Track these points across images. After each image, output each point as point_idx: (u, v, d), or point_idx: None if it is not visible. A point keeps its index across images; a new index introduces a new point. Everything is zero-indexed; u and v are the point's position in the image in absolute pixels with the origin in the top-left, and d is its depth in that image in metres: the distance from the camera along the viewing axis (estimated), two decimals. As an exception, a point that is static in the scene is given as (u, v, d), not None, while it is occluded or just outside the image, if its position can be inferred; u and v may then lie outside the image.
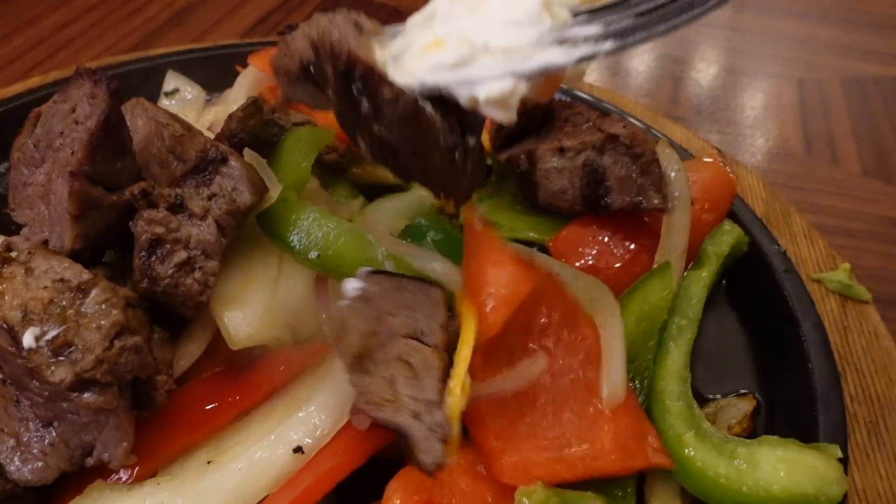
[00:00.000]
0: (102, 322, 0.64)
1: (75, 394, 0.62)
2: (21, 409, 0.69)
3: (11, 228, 0.81)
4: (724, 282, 0.97)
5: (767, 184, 1.09)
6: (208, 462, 0.66)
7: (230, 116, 0.89)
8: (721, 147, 1.25)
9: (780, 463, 0.69)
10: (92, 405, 0.62)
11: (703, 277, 0.87)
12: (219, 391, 0.73)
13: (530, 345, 0.75)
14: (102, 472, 0.68)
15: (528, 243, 0.94)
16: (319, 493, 0.65)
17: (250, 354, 0.75)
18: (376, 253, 0.78)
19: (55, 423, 0.67)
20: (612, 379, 0.70)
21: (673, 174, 0.91)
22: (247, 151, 0.81)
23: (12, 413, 0.69)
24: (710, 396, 0.85)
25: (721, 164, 1.01)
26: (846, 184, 1.26)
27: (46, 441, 0.67)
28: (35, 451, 0.67)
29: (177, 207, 0.73)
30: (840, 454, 0.71)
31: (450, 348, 0.69)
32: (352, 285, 0.70)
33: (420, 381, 0.66)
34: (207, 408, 0.72)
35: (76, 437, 0.67)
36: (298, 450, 0.66)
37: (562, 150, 0.95)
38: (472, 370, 0.71)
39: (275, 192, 0.78)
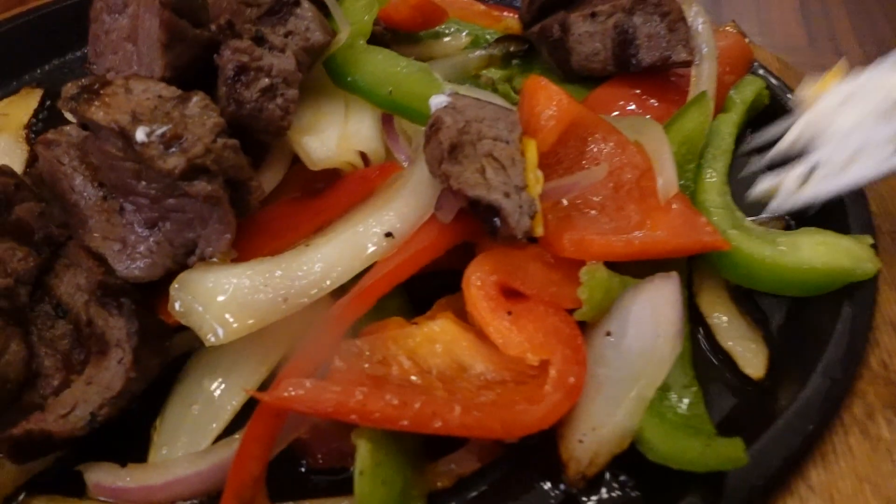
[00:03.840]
0: (207, 120, 0.70)
1: (186, 182, 0.68)
2: (125, 215, 0.75)
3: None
4: (749, 131, 1.04)
5: (780, 58, 1.16)
6: (306, 245, 0.73)
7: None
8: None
9: (819, 245, 0.76)
10: (202, 192, 0.68)
11: (731, 117, 0.95)
12: (301, 209, 0.80)
13: (585, 162, 0.82)
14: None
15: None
16: (407, 272, 0.71)
17: (322, 182, 0.82)
18: (444, 91, 0.85)
19: (160, 224, 0.73)
20: (665, 174, 0.77)
21: (699, 27, 0.97)
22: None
23: (115, 221, 0.75)
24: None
25: (739, 33, 1.08)
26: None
27: (152, 240, 0.73)
28: (141, 250, 0.73)
29: (258, 40, 0.79)
30: (871, 241, 0.78)
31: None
32: (439, 98, 0.76)
33: (507, 170, 0.73)
34: (292, 221, 0.78)
35: (180, 235, 0.73)
36: (389, 234, 0.72)
37: (593, 15, 1.02)
38: (535, 179, 0.79)
39: (344, 33, 0.84)
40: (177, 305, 0.69)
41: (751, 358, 0.73)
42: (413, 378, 0.65)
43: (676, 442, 0.61)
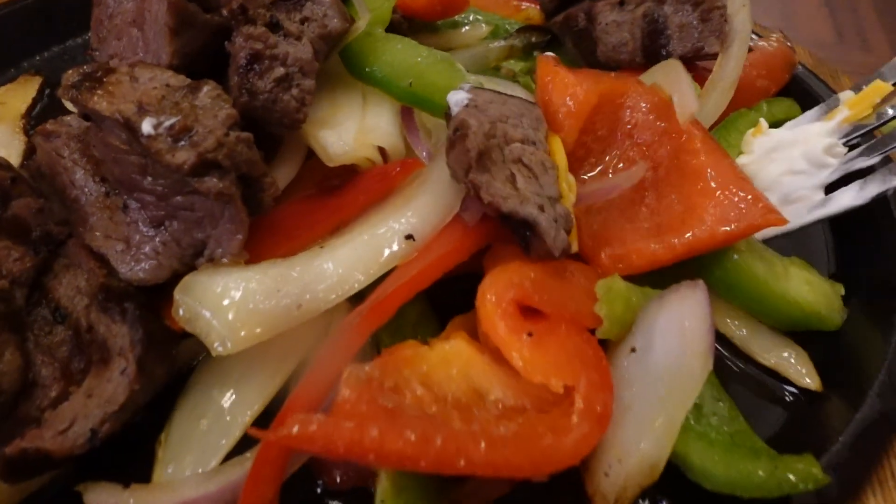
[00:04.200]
0: (218, 112, 0.65)
1: (196, 179, 0.63)
2: (129, 213, 0.70)
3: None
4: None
5: (812, 53, 1.12)
6: (321, 247, 0.68)
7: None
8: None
9: (805, 284, 0.73)
10: (213, 189, 0.63)
11: (751, 117, 0.91)
12: (316, 207, 0.75)
13: (616, 144, 0.78)
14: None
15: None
16: (430, 278, 0.66)
17: (339, 178, 0.77)
18: (467, 83, 0.80)
19: (167, 223, 0.68)
20: (681, 91, 0.77)
21: (737, 10, 0.92)
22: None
23: (119, 219, 0.70)
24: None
25: (783, 41, 1.04)
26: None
27: (158, 240, 0.68)
28: (146, 250, 0.68)
29: (273, 27, 0.74)
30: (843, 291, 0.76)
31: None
32: (459, 95, 0.71)
33: (539, 179, 0.68)
34: (307, 220, 0.73)
35: (188, 235, 0.68)
36: (410, 237, 0.67)
37: (621, 4, 0.97)
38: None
39: (364, 20, 0.79)
40: (181, 311, 0.64)
41: (800, 369, 0.69)
42: (429, 408, 0.58)
43: (736, 466, 0.56)
